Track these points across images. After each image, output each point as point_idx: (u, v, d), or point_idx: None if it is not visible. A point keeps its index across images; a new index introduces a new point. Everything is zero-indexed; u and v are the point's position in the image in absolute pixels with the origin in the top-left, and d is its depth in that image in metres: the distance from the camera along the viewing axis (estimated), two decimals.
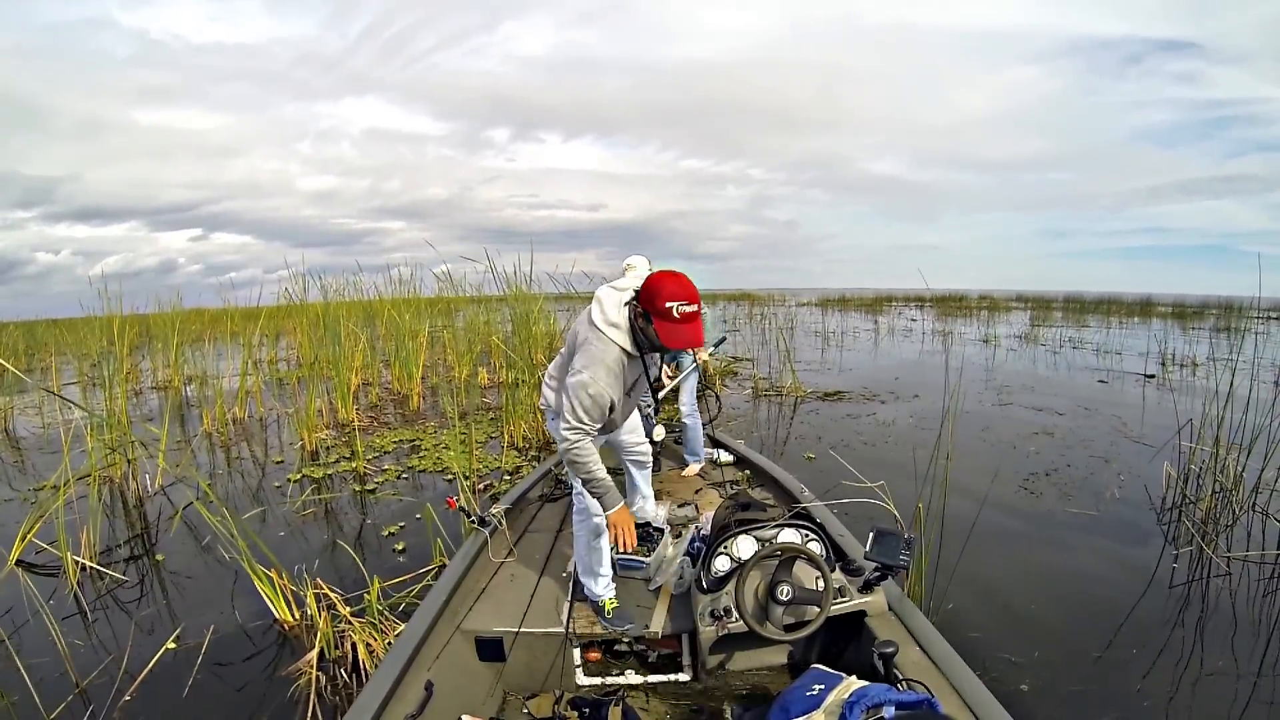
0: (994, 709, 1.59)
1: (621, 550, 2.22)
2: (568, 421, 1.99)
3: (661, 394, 3.55)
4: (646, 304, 1.89)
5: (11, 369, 4.18)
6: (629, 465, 2.84)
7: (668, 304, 1.83)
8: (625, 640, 2.32)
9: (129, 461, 5.04)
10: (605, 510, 2.14)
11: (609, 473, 2.16)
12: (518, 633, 2.23)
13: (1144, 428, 6.32)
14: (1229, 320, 16.93)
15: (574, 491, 2.35)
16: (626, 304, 2.00)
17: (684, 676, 2.29)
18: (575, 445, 2.01)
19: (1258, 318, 20.70)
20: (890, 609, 2.08)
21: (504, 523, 2.91)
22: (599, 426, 2.05)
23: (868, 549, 2.05)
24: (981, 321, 20.50)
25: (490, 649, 2.24)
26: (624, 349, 1.99)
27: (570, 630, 2.28)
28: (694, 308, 1.85)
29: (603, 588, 2.36)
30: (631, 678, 2.30)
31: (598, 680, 2.31)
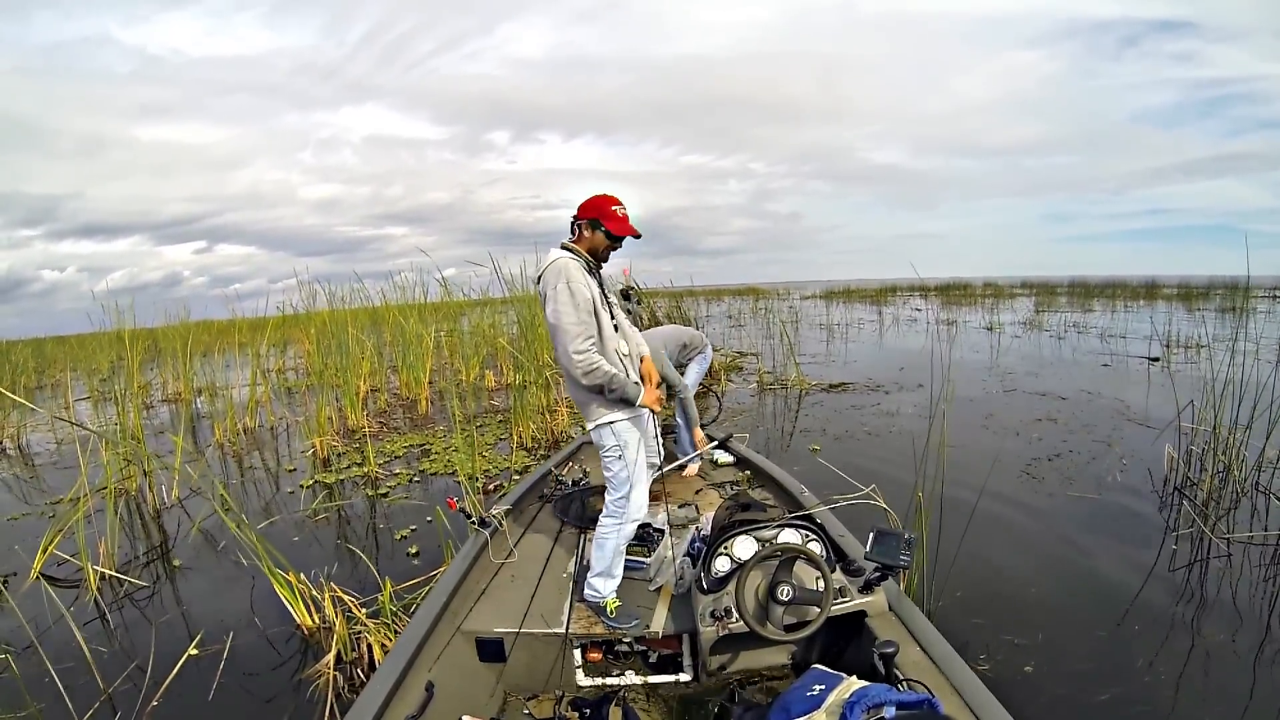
0: (994, 709, 1.60)
1: (655, 409, 2.38)
2: (568, 334, 2.16)
3: (666, 470, 3.65)
4: (595, 215, 2.27)
5: (21, 400, 4.27)
6: None
7: (613, 208, 2.28)
8: (626, 641, 2.33)
9: (145, 474, 5.14)
10: (634, 399, 2.24)
11: (598, 491, 2.32)
12: (518, 633, 2.24)
13: (1147, 411, 6.33)
14: (1233, 300, 16.83)
15: (613, 497, 2.37)
16: (559, 247, 2.33)
17: (685, 677, 2.31)
18: (588, 357, 2.17)
19: (1263, 297, 20.56)
20: (890, 609, 2.10)
21: (504, 524, 2.93)
22: (596, 333, 2.22)
23: (868, 549, 2.07)
24: (986, 309, 20.42)
25: (491, 650, 2.26)
26: (572, 257, 2.25)
27: (570, 631, 2.29)
28: (624, 210, 2.32)
29: (609, 590, 2.38)
30: (632, 678, 2.31)
31: (598, 681, 2.32)
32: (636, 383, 2.29)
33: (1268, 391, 4.01)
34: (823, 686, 1.52)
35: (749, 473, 3.81)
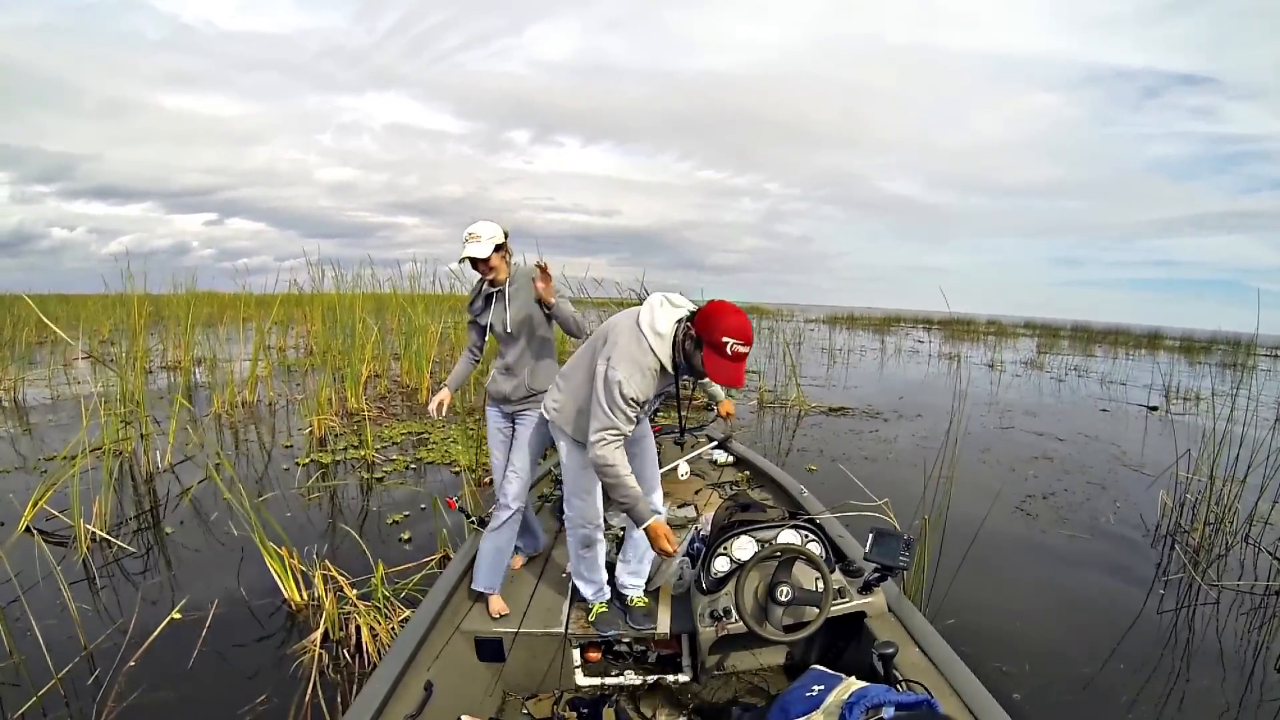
0: (993, 709, 1.61)
1: (666, 555, 2.05)
2: (599, 420, 1.92)
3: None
4: (702, 329, 1.83)
5: (57, 330, 4.24)
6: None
7: (725, 338, 1.78)
8: (625, 641, 2.33)
9: (142, 436, 5.12)
10: (638, 523, 2.02)
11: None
12: (517, 633, 2.24)
13: (1143, 457, 6.35)
14: (1236, 356, 16.91)
15: (564, 498, 2.34)
16: (679, 321, 1.96)
17: (684, 677, 2.30)
18: (605, 449, 1.92)
19: (1264, 355, 20.64)
20: (890, 610, 2.11)
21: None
22: (628, 430, 1.97)
23: (867, 550, 2.07)
24: (988, 346, 20.48)
25: (490, 649, 2.25)
26: (662, 363, 1.94)
27: (569, 631, 2.29)
28: (747, 349, 1.81)
29: (593, 593, 2.35)
30: (631, 678, 2.30)
31: (597, 680, 2.31)
32: (648, 508, 2.06)
33: (1264, 447, 4.03)
34: (822, 687, 1.52)
35: (749, 473, 3.80)
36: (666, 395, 2.21)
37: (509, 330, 2.48)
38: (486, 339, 2.66)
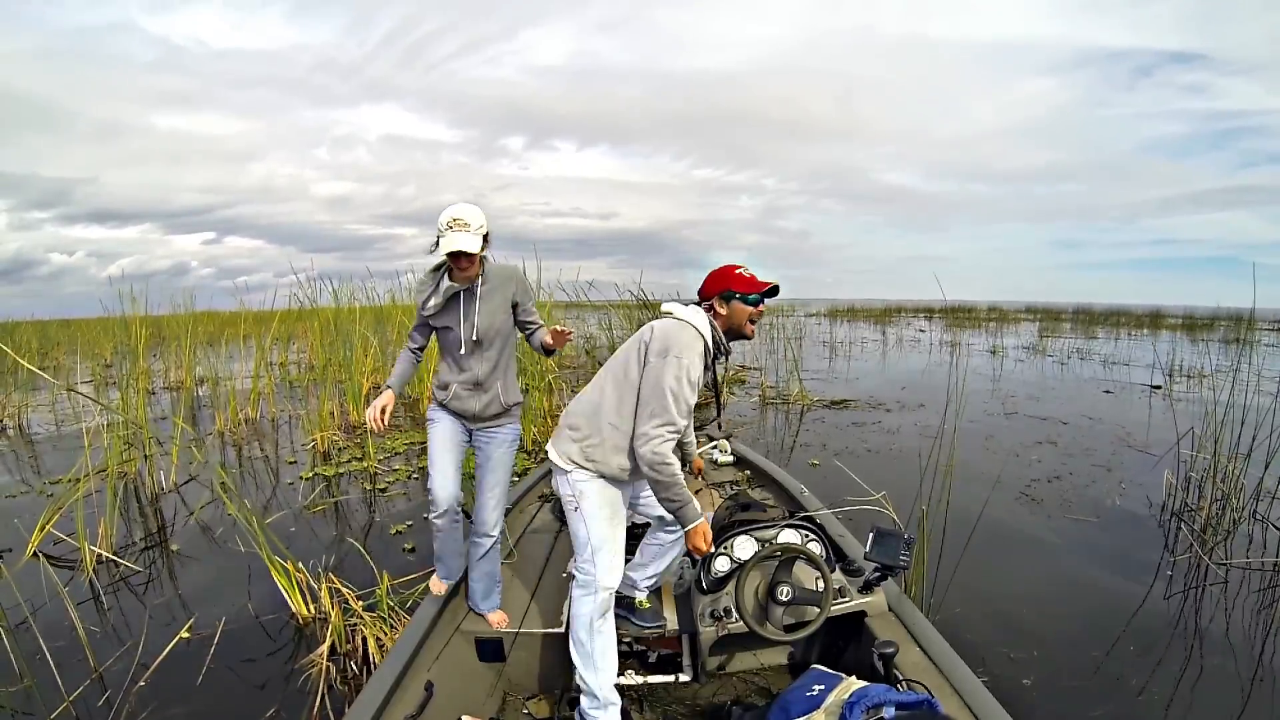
0: (994, 709, 1.61)
1: (700, 553, 1.93)
2: (658, 418, 1.81)
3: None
4: (718, 284, 2.00)
5: (45, 375, 4.26)
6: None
7: (736, 271, 2.00)
8: (625, 641, 2.33)
9: (145, 458, 5.14)
10: (687, 524, 1.88)
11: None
12: (517, 633, 2.24)
13: (1148, 437, 6.33)
14: (1238, 332, 16.88)
15: (576, 561, 1.99)
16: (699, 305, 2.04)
17: (684, 677, 2.30)
18: (664, 446, 1.81)
19: (1266, 329, 20.56)
20: (890, 609, 2.11)
21: (504, 524, 2.96)
22: (683, 425, 1.87)
23: (868, 549, 2.07)
24: (990, 333, 20.46)
25: (490, 649, 2.26)
26: (706, 344, 1.95)
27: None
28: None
29: (599, 686, 1.92)
30: (632, 678, 2.30)
31: None
32: (698, 506, 1.94)
33: (1268, 422, 4.02)
34: (822, 687, 1.52)
35: (749, 473, 3.81)
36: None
37: (476, 337, 2.18)
38: (430, 341, 2.40)
